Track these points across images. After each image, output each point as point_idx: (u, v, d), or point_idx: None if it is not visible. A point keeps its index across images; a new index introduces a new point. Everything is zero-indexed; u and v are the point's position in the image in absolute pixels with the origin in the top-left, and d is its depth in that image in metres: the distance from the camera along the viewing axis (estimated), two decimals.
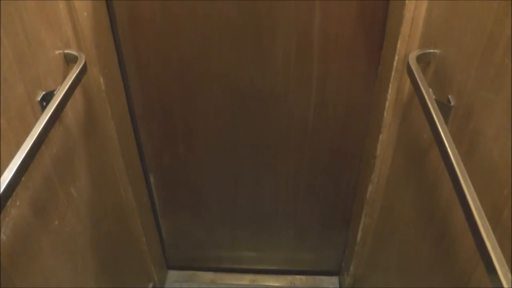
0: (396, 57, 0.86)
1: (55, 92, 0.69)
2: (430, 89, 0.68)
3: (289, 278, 1.58)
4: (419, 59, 0.74)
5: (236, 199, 1.36)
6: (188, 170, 1.28)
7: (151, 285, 1.45)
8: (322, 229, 1.43)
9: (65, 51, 0.78)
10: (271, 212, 1.39)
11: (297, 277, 1.59)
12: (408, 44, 0.83)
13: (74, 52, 0.78)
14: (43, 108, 0.68)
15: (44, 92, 0.69)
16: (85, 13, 0.82)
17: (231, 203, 1.38)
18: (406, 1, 0.78)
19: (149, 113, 1.15)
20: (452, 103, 0.65)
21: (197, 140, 1.20)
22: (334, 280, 1.57)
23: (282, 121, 1.14)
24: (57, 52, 0.75)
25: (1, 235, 0.59)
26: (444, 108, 0.65)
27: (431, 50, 0.75)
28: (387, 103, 0.93)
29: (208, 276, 1.59)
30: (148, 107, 1.14)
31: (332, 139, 1.17)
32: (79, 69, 0.74)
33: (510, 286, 0.40)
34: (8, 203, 0.56)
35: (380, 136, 1.00)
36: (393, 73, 0.88)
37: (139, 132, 1.19)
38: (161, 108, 1.14)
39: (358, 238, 1.26)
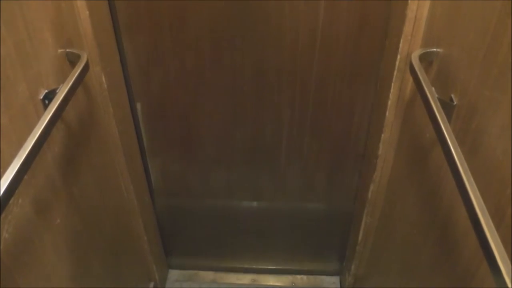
0: (398, 57, 0.86)
1: (57, 91, 0.69)
2: (433, 88, 0.68)
3: (290, 278, 1.58)
4: (421, 58, 0.74)
5: (234, 132, 1.19)
6: (178, 96, 1.11)
7: (152, 284, 1.45)
8: (332, 170, 1.26)
9: (67, 49, 0.78)
10: (274, 147, 1.21)
11: (298, 276, 1.59)
12: (410, 44, 0.83)
13: (76, 51, 0.78)
14: (45, 107, 0.68)
15: (46, 91, 0.69)
16: (87, 12, 0.82)
17: (228, 137, 1.20)
18: (409, 1, 0.78)
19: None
20: (455, 102, 0.65)
21: (189, 58, 1.04)
22: (335, 279, 1.57)
23: (288, 38, 1.00)
24: (59, 50, 0.75)
25: (4, 233, 0.59)
26: (447, 107, 0.65)
27: (434, 49, 0.74)
28: (389, 103, 0.93)
29: (209, 275, 1.59)
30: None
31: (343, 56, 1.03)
32: (81, 67, 0.74)
33: None
34: (10, 201, 0.56)
35: (382, 135, 0.99)
36: (395, 73, 0.88)
37: (141, 131, 1.19)
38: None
39: (360, 237, 1.26)
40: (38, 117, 0.62)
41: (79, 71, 0.73)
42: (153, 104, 1.14)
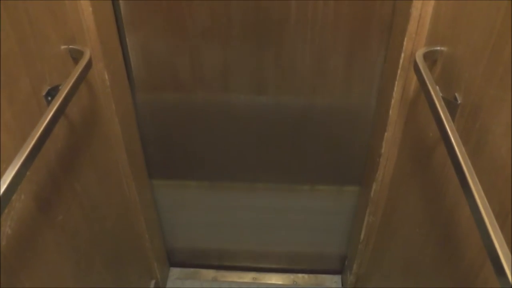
0: (402, 55, 0.85)
1: (60, 87, 0.69)
2: (437, 87, 0.68)
3: (291, 277, 1.58)
4: (425, 56, 0.74)
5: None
6: None
7: (153, 282, 1.45)
8: (352, 47, 1.00)
9: (71, 46, 0.78)
10: (280, 17, 0.95)
11: (300, 275, 1.59)
12: (414, 42, 0.83)
13: (79, 48, 0.78)
14: (48, 103, 0.68)
15: (49, 87, 0.69)
16: (91, 9, 0.82)
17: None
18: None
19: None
20: (459, 101, 0.64)
21: None
22: (337, 279, 1.57)
23: None
24: (62, 47, 0.75)
25: (6, 229, 0.59)
26: (451, 106, 0.65)
27: (438, 48, 0.74)
28: (392, 101, 0.93)
29: (210, 273, 1.59)
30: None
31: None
32: (84, 64, 0.74)
33: None
34: (12, 197, 0.56)
35: (385, 134, 0.99)
36: (399, 71, 0.88)
37: (143, 128, 1.19)
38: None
39: (362, 236, 1.25)
40: (41, 114, 0.62)
41: (82, 67, 0.73)
42: None
